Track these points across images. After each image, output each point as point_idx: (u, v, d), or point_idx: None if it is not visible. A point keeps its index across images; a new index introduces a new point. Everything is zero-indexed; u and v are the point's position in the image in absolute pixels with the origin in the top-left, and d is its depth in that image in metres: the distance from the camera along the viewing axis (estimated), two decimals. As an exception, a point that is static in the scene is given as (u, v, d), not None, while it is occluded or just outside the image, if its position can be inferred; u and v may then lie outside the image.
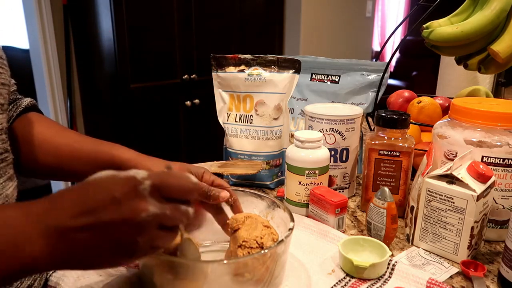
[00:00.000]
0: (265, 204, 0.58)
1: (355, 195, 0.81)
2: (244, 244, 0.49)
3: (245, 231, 0.50)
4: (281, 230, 0.54)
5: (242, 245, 0.49)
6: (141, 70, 2.02)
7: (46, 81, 2.16)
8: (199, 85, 2.22)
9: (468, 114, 0.62)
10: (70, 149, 0.60)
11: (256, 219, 0.53)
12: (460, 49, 0.82)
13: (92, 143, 0.61)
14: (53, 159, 0.59)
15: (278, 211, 0.56)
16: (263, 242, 0.49)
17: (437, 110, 0.91)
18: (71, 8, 2.13)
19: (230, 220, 0.53)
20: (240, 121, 0.84)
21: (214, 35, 2.28)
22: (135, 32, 1.95)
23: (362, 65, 0.87)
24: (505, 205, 0.61)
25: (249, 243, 0.49)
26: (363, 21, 3.24)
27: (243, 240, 0.49)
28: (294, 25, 2.75)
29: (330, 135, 0.74)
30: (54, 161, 0.59)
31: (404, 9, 5.21)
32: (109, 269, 0.54)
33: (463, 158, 0.59)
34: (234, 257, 0.50)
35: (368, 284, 0.53)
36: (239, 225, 0.52)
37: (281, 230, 0.54)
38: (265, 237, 0.50)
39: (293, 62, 0.83)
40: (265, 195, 0.58)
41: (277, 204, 0.56)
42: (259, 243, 0.49)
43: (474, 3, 0.81)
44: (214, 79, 0.85)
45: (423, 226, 0.61)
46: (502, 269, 0.52)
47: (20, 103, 0.61)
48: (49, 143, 0.60)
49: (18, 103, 0.61)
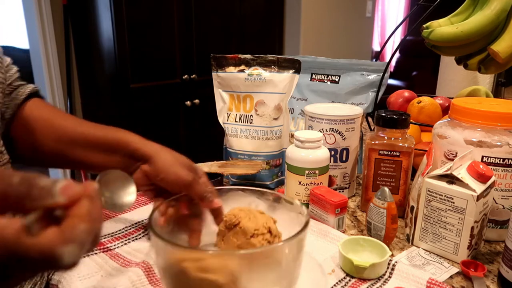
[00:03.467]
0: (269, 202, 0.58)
1: (355, 195, 0.81)
2: (256, 233, 0.50)
3: (249, 222, 0.51)
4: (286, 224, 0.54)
5: (255, 234, 0.50)
6: (141, 70, 2.03)
7: (46, 81, 2.16)
8: (199, 85, 2.23)
9: (468, 114, 0.62)
10: (73, 131, 0.59)
11: (249, 209, 0.53)
12: (460, 49, 0.82)
13: (95, 126, 0.60)
14: (57, 143, 0.59)
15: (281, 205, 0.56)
16: (270, 226, 0.51)
17: (437, 110, 0.91)
18: (71, 8, 2.13)
19: (228, 217, 0.53)
20: (240, 121, 0.84)
21: (214, 35, 2.29)
22: (135, 32, 1.95)
23: (362, 65, 0.87)
24: (505, 205, 0.61)
25: (261, 230, 0.50)
26: (363, 21, 3.25)
27: (255, 229, 0.50)
28: (294, 25, 2.75)
29: (330, 135, 0.74)
30: (57, 144, 0.59)
31: (404, 9, 5.21)
32: (110, 269, 0.54)
33: (463, 158, 0.59)
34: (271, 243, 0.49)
35: (368, 284, 0.53)
36: (239, 219, 0.52)
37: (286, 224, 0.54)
38: (269, 221, 0.51)
39: (293, 62, 0.83)
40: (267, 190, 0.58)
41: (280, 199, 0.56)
42: (266, 228, 0.50)
43: (474, 3, 0.81)
44: (214, 79, 0.85)
45: (423, 226, 0.61)
46: (502, 269, 0.52)
47: (23, 90, 0.61)
48: (52, 127, 0.59)
49: (21, 90, 0.61)
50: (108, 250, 0.59)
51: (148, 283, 0.51)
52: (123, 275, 0.52)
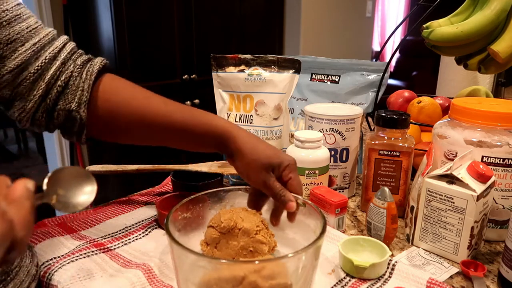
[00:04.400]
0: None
1: (355, 195, 0.81)
2: (258, 229, 0.51)
3: (244, 222, 0.51)
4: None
5: (257, 231, 0.51)
6: (141, 70, 2.03)
7: (46, 81, 2.16)
8: (199, 85, 2.23)
9: (468, 114, 0.62)
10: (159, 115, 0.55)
11: (235, 210, 0.54)
12: (460, 49, 0.82)
13: (180, 108, 0.57)
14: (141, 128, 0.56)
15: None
16: (262, 220, 0.53)
17: (437, 110, 0.91)
18: (71, 8, 2.13)
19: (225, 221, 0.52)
20: (240, 121, 0.84)
21: (214, 35, 2.29)
22: (135, 32, 1.95)
23: (362, 65, 0.87)
24: (505, 205, 0.61)
25: (260, 226, 0.52)
26: (363, 21, 3.24)
27: (256, 225, 0.51)
28: (294, 25, 2.75)
29: (330, 135, 0.74)
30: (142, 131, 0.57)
31: (404, 9, 5.21)
32: (110, 270, 0.54)
33: (463, 158, 0.59)
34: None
35: (368, 284, 0.53)
36: (235, 221, 0.52)
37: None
38: (258, 216, 0.54)
39: (293, 62, 0.83)
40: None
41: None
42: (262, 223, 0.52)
43: (474, 3, 0.81)
44: (214, 79, 0.85)
45: (423, 226, 0.61)
46: (502, 269, 0.52)
47: (92, 67, 0.55)
48: (138, 113, 0.55)
49: (90, 69, 0.55)
50: (108, 250, 0.59)
51: (149, 285, 0.51)
52: (123, 276, 0.52)
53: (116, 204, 0.74)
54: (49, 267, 0.54)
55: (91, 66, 0.55)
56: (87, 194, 0.42)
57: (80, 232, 0.64)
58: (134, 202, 0.75)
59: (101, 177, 0.61)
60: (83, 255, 0.57)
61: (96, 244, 0.60)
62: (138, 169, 0.77)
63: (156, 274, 0.53)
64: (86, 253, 0.58)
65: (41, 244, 0.60)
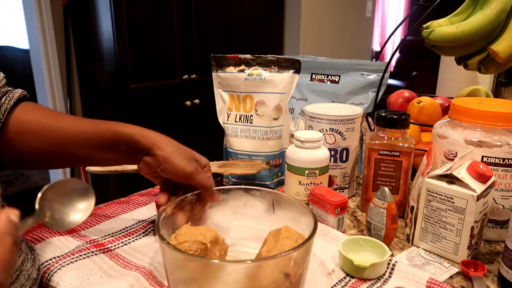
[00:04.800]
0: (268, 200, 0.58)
1: (355, 195, 0.81)
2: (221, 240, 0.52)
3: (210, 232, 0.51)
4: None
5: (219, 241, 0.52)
6: (141, 70, 2.03)
7: (46, 81, 2.16)
8: (199, 85, 2.23)
9: (468, 114, 0.62)
10: (70, 131, 0.58)
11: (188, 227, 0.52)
12: (460, 49, 0.82)
13: (91, 122, 0.59)
14: (54, 145, 0.58)
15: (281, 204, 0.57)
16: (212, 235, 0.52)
17: (437, 110, 0.91)
18: (71, 8, 2.13)
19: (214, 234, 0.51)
20: (240, 121, 0.84)
21: (214, 35, 2.29)
22: (135, 32, 1.95)
23: (362, 65, 0.87)
24: (505, 205, 0.61)
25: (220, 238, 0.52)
26: (363, 21, 3.25)
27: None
28: (294, 25, 2.75)
29: (330, 135, 0.74)
30: (55, 146, 0.58)
31: (404, 9, 5.21)
32: (109, 270, 0.54)
33: (463, 158, 0.59)
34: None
35: (368, 284, 0.53)
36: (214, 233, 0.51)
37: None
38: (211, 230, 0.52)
39: (293, 62, 0.83)
40: (267, 189, 0.58)
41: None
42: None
43: (474, 3, 0.81)
44: (214, 79, 0.85)
45: (423, 226, 0.61)
46: (502, 269, 0.52)
47: (12, 95, 0.58)
48: (48, 129, 0.58)
49: (10, 96, 0.58)
50: (108, 250, 0.59)
51: (149, 284, 0.51)
52: (122, 277, 0.52)
53: (116, 204, 0.74)
54: (49, 268, 0.54)
55: (11, 93, 0.58)
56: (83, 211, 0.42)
57: (80, 232, 0.64)
58: (134, 202, 0.75)
59: (101, 177, 0.62)
60: (83, 255, 0.57)
61: (96, 245, 0.60)
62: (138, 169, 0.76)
63: (155, 275, 0.53)
64: (86, 253, 0.57)
65: (40, 244, 0.60)
